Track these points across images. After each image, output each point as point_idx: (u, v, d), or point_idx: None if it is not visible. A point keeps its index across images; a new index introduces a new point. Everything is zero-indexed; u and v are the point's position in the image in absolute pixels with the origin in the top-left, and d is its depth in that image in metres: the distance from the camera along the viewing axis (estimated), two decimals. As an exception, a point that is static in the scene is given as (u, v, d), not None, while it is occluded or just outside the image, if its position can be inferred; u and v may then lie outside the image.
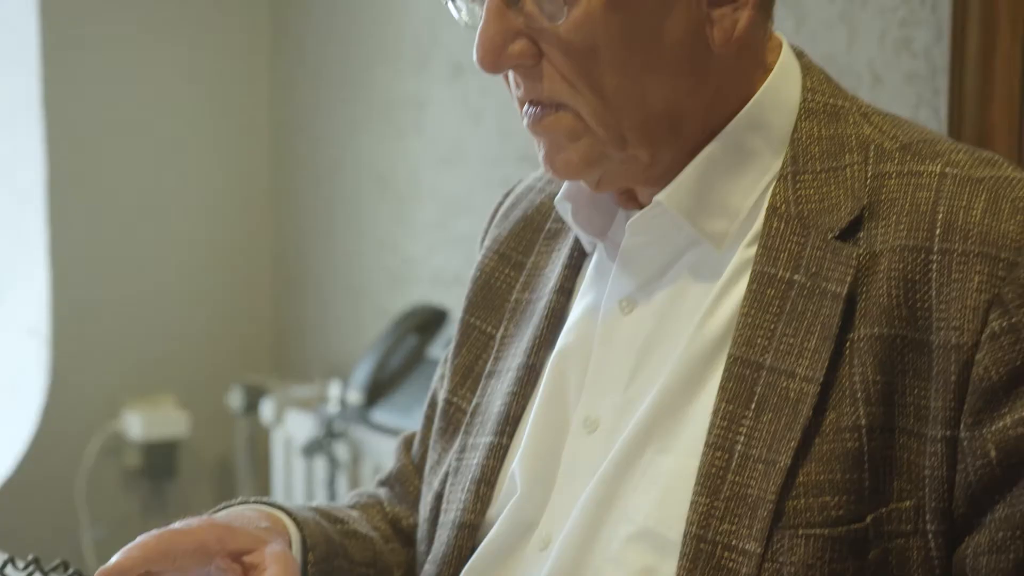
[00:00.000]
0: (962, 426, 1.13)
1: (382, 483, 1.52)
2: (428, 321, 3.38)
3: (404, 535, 1.45)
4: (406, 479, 1.49)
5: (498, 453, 1.32)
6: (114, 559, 1.19)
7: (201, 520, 1.25)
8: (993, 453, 1.12)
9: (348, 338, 3.74)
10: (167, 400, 3.76)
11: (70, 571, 1.53)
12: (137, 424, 3.70)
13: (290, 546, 1.28)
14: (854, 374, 1.14)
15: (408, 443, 1.52)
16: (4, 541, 1.68)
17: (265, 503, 1.33)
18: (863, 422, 1.13)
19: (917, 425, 1.13)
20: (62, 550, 1.61)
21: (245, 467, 3.80)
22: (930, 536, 1.13)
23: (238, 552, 1.23)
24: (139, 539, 1.21)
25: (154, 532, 1.22)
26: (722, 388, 1.18)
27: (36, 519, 3.56)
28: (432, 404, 1.46)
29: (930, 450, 1.13)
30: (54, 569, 1.53)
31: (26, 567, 1.52)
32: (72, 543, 3.56)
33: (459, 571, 1.31)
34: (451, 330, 1.44)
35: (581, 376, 1.29)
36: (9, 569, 1.52)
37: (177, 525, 1.24)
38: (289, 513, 1.32)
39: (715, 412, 1.17)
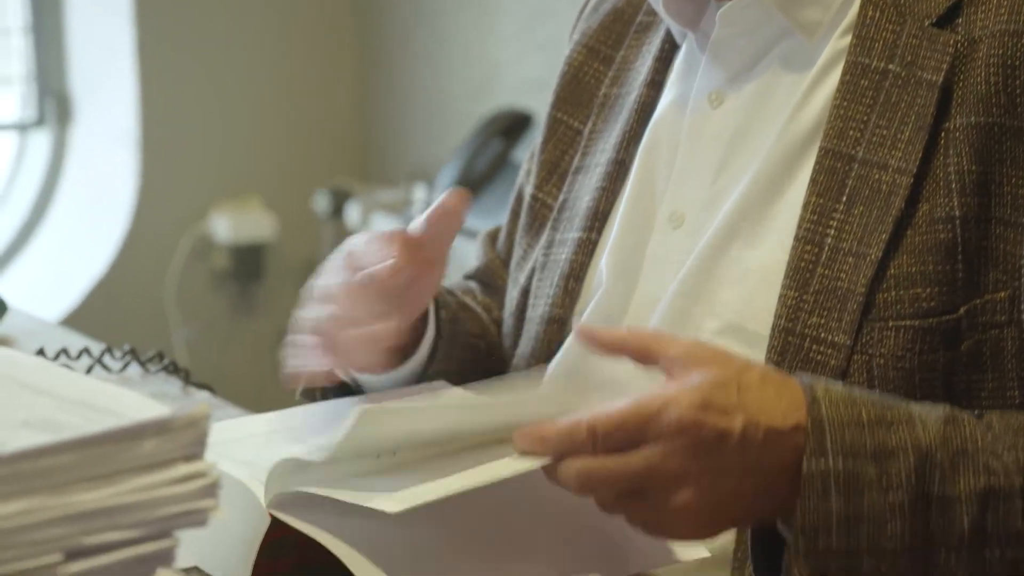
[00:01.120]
0: None
1: (468, 277, 1.53)
2: (513, 125, 3.37)
3: (495, 324, 1.46)
4: (493, 272, 1.49)
5: (586, 248, 1.32)
6: (439, 203, 1.19)
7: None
8: None
9: (433, 142, 3.74)
10: (254, 203, 3.79)
11: (165, 362, 1.56)
12: (225, 226, 3.73)
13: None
14: (949, 164, 1.12)
15: (492, 237, 1.52)
16: (100, 337, 1.71)
17: None
18: (957, 213, 1.11)
19: (1014, 215, 1.11)
20: (154, 349, 1.63)
21: (331, 271, 3.84)
22: None
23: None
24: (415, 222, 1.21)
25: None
26: (812, 181, 1.16)
27: (129, 319, 3.63)
28: (518, 199, 1.46)
29: None
30: (150, 360, 1.56)
31: (123, 357, 1.55)
32: (163, 342, 3.63)
33: (548, 364, 1.32)
34: (536, 134, 1.43)
35: (668, 171, 1.28)
36: (107, 358, 1.55)
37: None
38: None
39: (805, 206, 1.16)
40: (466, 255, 3.36)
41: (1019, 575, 0.99)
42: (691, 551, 1.06)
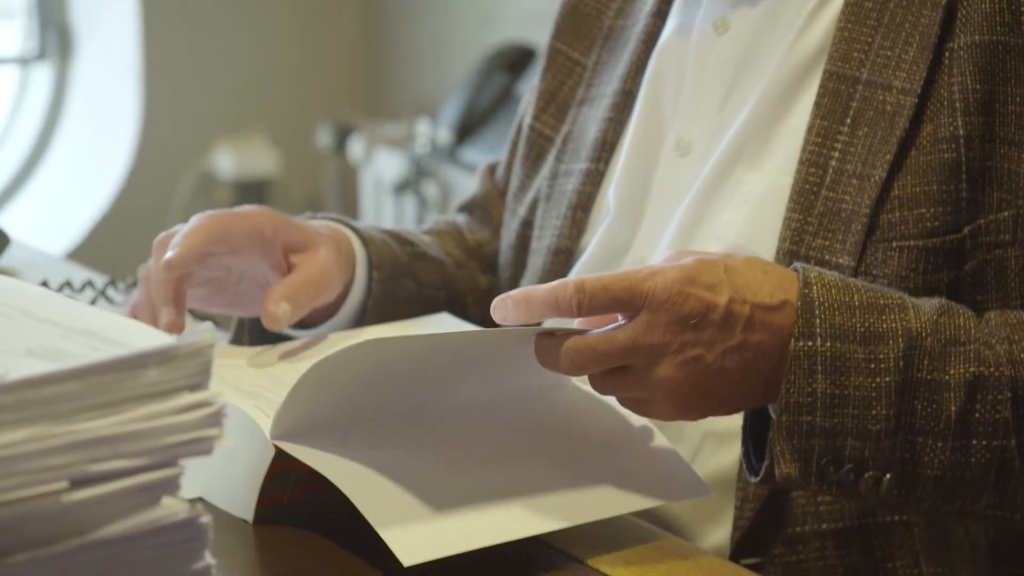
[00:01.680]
0: None
1: (463, 208, 1.53)
2: (517, 59, 3.36)
3: (485, 260, 1.46)
4: (489, 204, 1.49)
5: (594, 179, 1.32)
6: (175, 251, 1.17)
7: (260, 207, 1.25)
8: None
9: (436, 76, 3.73)
10: (257, 138, 3.78)
11: (169, 293, 1.56)
12: (228, 162, 3.73)
13: (354, 264, 1.29)
14: (953, 84, 1.12)
15: (492, 169, 1.52)
16: (103, 272, 1.72)
17: (334, 219, 1.33)
18: (961, 132, 1.11)
19: (1018, 134, 1.11)
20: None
21: (334, 206, 3.84)
22: None
23: (291, 245, 1.23)
24: (195, 223, 1.20)
25: (209, 213, 1.21)
26: (817, 104, 1.16)
27: (131, 254, 3.63)
28: (517, 130, 1.46)
29: None
30: (154, 292, 1.56)
31: (126, 289, 1.55)
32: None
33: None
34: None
35: (675, 99, 1.27)
36: (110, 291, 1.55)
37: (235, 209, 1.24)
38: (356, 231, 1.32)
39: (809, 129, 1.16)
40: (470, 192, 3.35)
41: (1001, 464, 1.00)
42: (691, 488, 1.06)
